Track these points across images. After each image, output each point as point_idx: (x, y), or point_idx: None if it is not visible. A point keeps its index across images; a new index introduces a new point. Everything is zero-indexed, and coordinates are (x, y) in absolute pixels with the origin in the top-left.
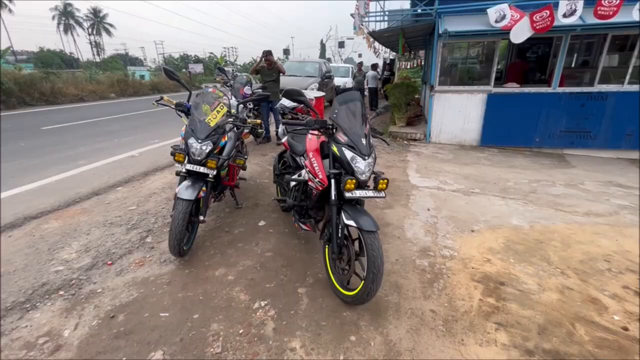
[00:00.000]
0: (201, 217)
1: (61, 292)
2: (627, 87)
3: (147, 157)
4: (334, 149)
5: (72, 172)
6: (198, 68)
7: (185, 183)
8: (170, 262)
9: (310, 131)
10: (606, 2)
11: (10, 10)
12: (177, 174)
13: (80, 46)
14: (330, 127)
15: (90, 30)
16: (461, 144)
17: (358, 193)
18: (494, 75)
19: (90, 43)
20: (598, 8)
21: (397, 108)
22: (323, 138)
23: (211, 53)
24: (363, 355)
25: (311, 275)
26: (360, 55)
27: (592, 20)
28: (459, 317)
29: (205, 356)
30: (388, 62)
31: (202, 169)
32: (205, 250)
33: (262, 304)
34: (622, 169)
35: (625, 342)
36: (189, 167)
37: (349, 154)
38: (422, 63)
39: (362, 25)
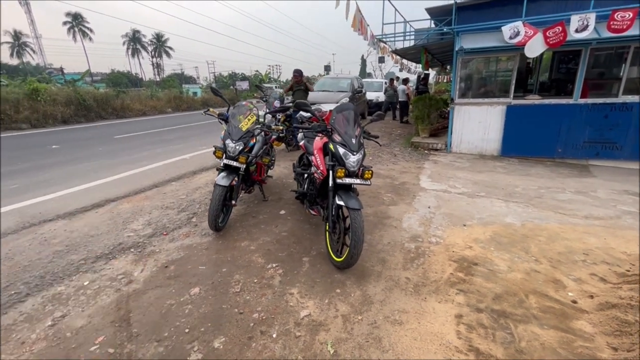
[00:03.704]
0: (233, 202)
1: (131, 250)
2: None
3: (196, 160)
4: (331, 146)
5: (138, 170)
6: (244, 85)
7: (222, 174)
8: (209, 235)
9: (316, 134)
10: (619, 16)
11: (90, 39)
12: (217, 169)
13: (144, 67)
14: (329, 130)
15: (153, 53)
16: (481, 154)
17: (347, 180)
18: (512, 88)
19: (152, 64)
20: (611, 22)
21: (421, 120)
22: (325, 139)
23: (256, 71)
24: (343, 302)
25: (315, 250)
26: (401, 70)
27: (607, 34)
28: (428, 283)
29: (229, 293)
30: (422, 76)
31: (234, 163)
32: (236, 229)
33: (274, 265)
34: None
35: (569, 311)
36: (226, 161)
37: (341, 150)
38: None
39: (385, 44)
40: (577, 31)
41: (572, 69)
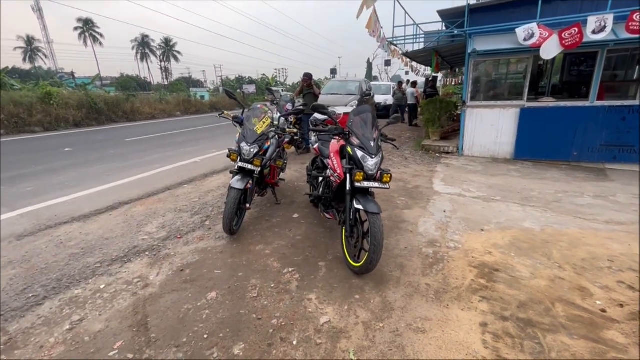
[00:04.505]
0: (247, 205)
1: (147, 253)
2: None
3: (207, 163)
4: (349, 149)
5: (150, 173)
6: (251, 88)
7: (237, 177)
8: (223, 239)
9: (333, 137)
10: (638, 17)
11: (100, 44)
12: (231, 172)
13: (152, 71)
14: (347, 133)
15: (161, 57)
16: (494, 157)
17: (366, 184)
18: (526, 90)
19: (161, 68)
20: (630, 23)
21: (431, 123)
22: (342, 142)
23: (263, 74)
24: (363, 309)
25: (331, 254)
26: (407, 73)
27: (625, 35)
28: (449, 290)
29: (246, 298)
30: (430, 79)
31: (249, 166)
32: (250, 232)
33: (290, 270)
34: None
35: (599, 320)
36: (240, 164)
37: (359, 153)
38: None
39: (395, 47)
40: (594, 32)
41: (585, 72)
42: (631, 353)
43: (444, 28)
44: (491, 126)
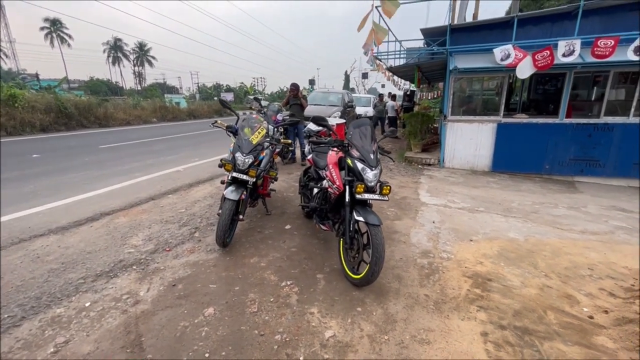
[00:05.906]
0: (241, 216)
1: (134, 267)
2: (632, 119)
3: (190, 172)
4: (349, 161)
5: (131, 182)
6: (229, 97)
7: (231, 187)
8: (215, 252)
9: (331, 148)
10: (602, 43)
11: (69, 45)
12: (222, 182)
13: (125, 76)
14: (347, 145)
15: (135, 61)
16: (473, 169)
17: (366, 195)
18: (502, 107)
19: (134, 73)
20: (595, 48)
21: (413, 135)
22: (341, 154)
23: (241, 83)
24: (366, 321)
25: (328, 266)
26: (383, 86)
27: (591, 59)
28: (447, 300)
29: (245, 314)
30: (408, 92)
31: (244, 177)
32: (242, 244)
33: (288, 283)
34: (629, 196)
35: (588, 326)
36: (235, 174)
37: (360, 165)
38: (442, 94)
39: (380, 61)
40: (564, 55)
41: (549, 90)
42: (620, 357)
43: (425, 45)
44: (470, 140)
